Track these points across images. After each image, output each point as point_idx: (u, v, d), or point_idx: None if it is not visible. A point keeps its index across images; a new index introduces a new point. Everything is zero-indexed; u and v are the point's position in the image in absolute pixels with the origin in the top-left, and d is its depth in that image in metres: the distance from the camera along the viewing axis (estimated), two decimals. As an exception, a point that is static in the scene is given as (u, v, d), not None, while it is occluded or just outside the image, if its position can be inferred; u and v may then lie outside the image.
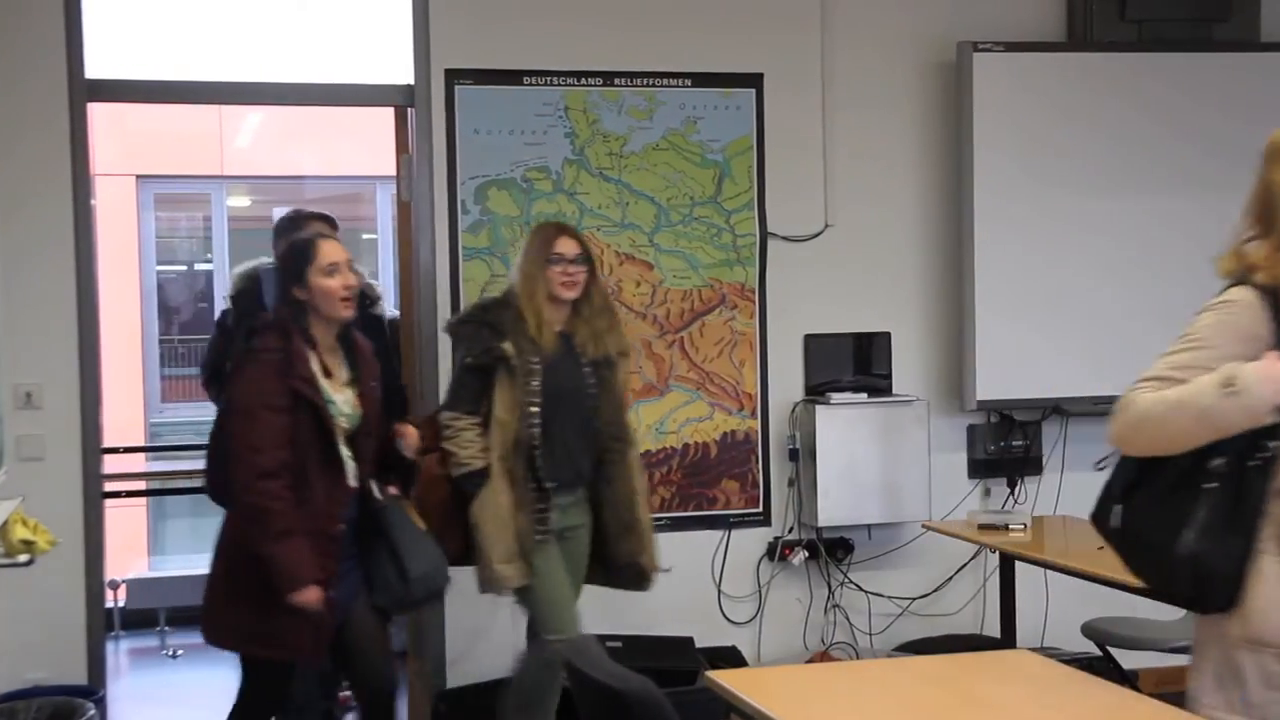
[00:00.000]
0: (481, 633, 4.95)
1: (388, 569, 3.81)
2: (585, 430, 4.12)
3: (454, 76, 4.94)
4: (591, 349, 4.11)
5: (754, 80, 5.17)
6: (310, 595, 3.60)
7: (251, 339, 3.75)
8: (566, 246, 4.09)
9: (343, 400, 3.75)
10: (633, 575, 4.21)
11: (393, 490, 3.92)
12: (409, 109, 4.96)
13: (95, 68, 4.72)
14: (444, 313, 4.94)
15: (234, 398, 3.71)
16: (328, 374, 3.74)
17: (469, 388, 4.04)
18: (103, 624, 4.81)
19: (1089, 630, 4.68)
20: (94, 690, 4.58)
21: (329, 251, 3.75)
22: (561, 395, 4.04)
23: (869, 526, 5.19)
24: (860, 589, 5.24)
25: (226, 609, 3.74)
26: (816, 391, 5.20)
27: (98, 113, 4.85)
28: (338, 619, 3.74)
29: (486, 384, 4.00)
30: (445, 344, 4.94)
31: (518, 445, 3.97)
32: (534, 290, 4.05)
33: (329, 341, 3.78)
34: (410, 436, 3.97)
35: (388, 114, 5.11)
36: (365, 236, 10.36)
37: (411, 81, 4.94)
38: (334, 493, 3.71)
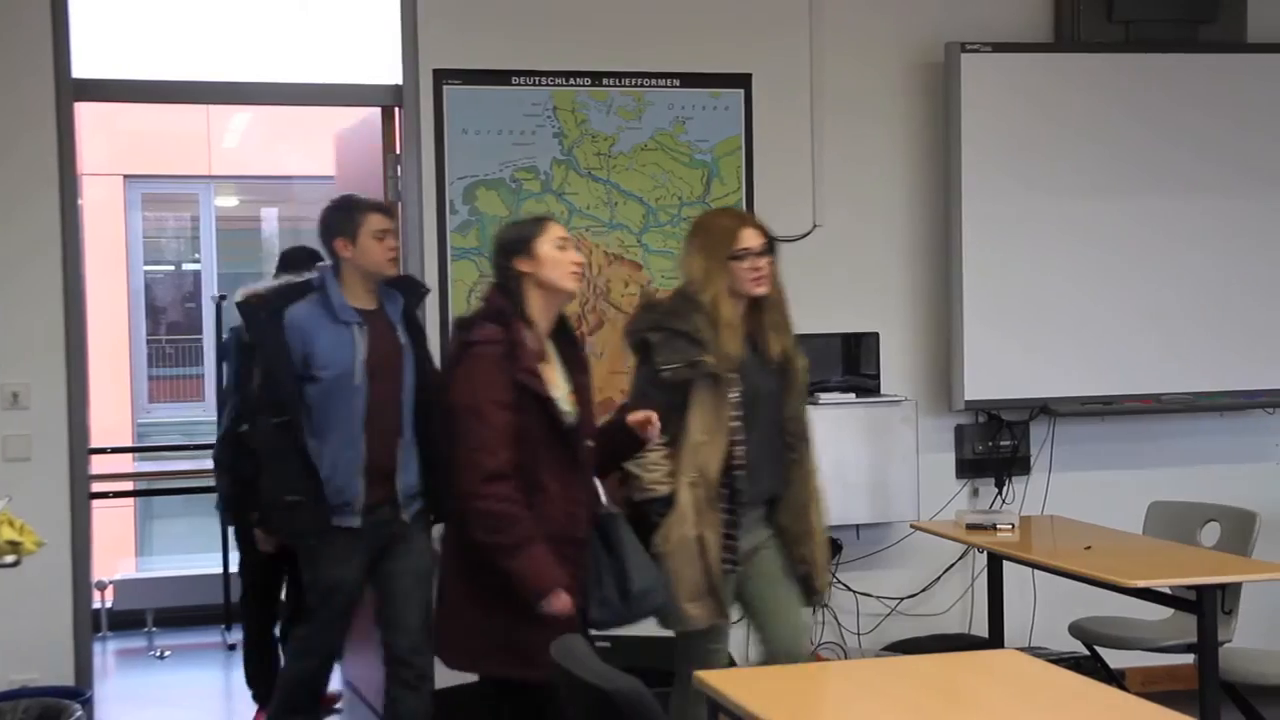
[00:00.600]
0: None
1: (608, 583, 3.53)
2: (776, 439, 3.74)
3: (442, 76, 4.94)
4: (775, 348, 3.74)
5: (742, 81, 5.17)
6: (562, 602, 3.37)
7: (465, 330, 3.54)
8: (752, 239, 3.70)
9: (561, 396, 3.54)
10: (805, 587, 3.78)
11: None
12: (397, 109, 4.96)
13: (82, 67, 4.71)
14: (432, 314, 4.93)
15: (454, 398, 3.46)
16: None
17: (657, 404, 3.59)
18: (90, 625, 4.80)
19: (1076, 630, 4.69)
20: (81, 691, 4.56)
21: (558, 227, 3.62)
22: (756, 405, 3.68)
23: (857, 526, 5.19)
24: (848, 589, 5.24)
25: (471, 629, 3.48)
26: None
27: (85, 112, 4.84)
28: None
29: (678, 400, 3.61)
30: (434, 349, 4.93)
31: (715, 468, 3.58)
32: (716, 289, 3.66)
33: (547, 329, 3.57)
34: (653, 423, 3.59)
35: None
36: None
37: (400, 81, 4.94)
38: (570, 493, 3.48)
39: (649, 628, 4.92)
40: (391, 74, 4.95)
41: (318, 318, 3.93)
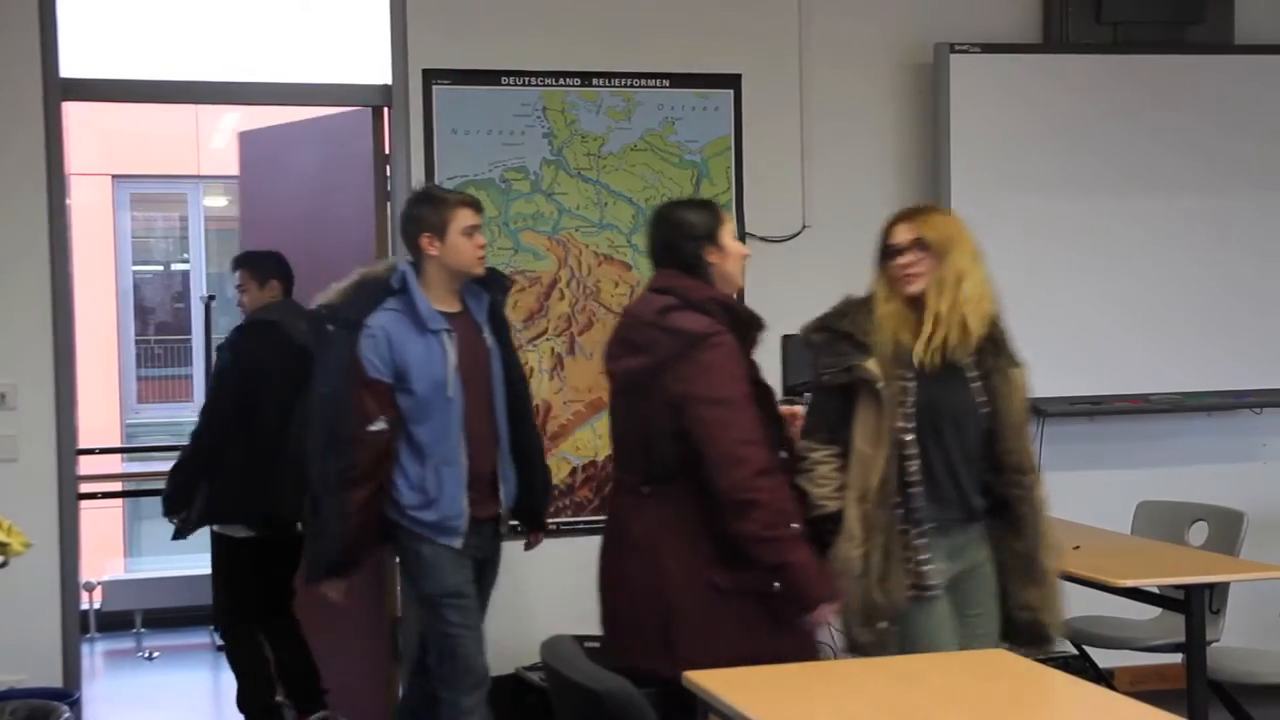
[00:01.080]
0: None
1: None
2: (967, 457, 3.34)
3: (431, 76, 4.93)
4: (961, 353, 3.32)
5: (732, 81, 5.17)
6: (827, 612, 3.23)
7: (665, 317, 3.30)
8: (901, 234, 3.40)
9: None
10: (1031, 633, 3.40)
11: None
12: (386, 109, 4.95)
13: (70, 67, 4.70)
14: (422, 313, 4.93)
15: (704, 391, 3.23)
16: None
17: (827, 411, 3.34)
18: (78, 626, 4.79)
19: (1065, 629, 4.69)
20: (69, 693, 4.55)
21: (730, 218, 3.51)
22: (941, 416, 3.30)
23: (846, 526, 5.18)
24: (838, 589, 5.24)
25: (721, 636, 3.21)
26: (794, 392, 5.19)
27: (73, 112, 4.82)
28: None
29: (847, 407, 3.30)
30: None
31: (884, 483, 3.23)
32: (876, 288, 3.40)
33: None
34: (798, 417, 3.48)
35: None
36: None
37: (389, 81, 4.93)
38: (785, 487, 3.31)
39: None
40: (381, 74, 4.95)
41: (405, 327, 3.71)
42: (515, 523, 4.11)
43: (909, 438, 3.25)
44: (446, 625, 3.86)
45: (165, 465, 5.55)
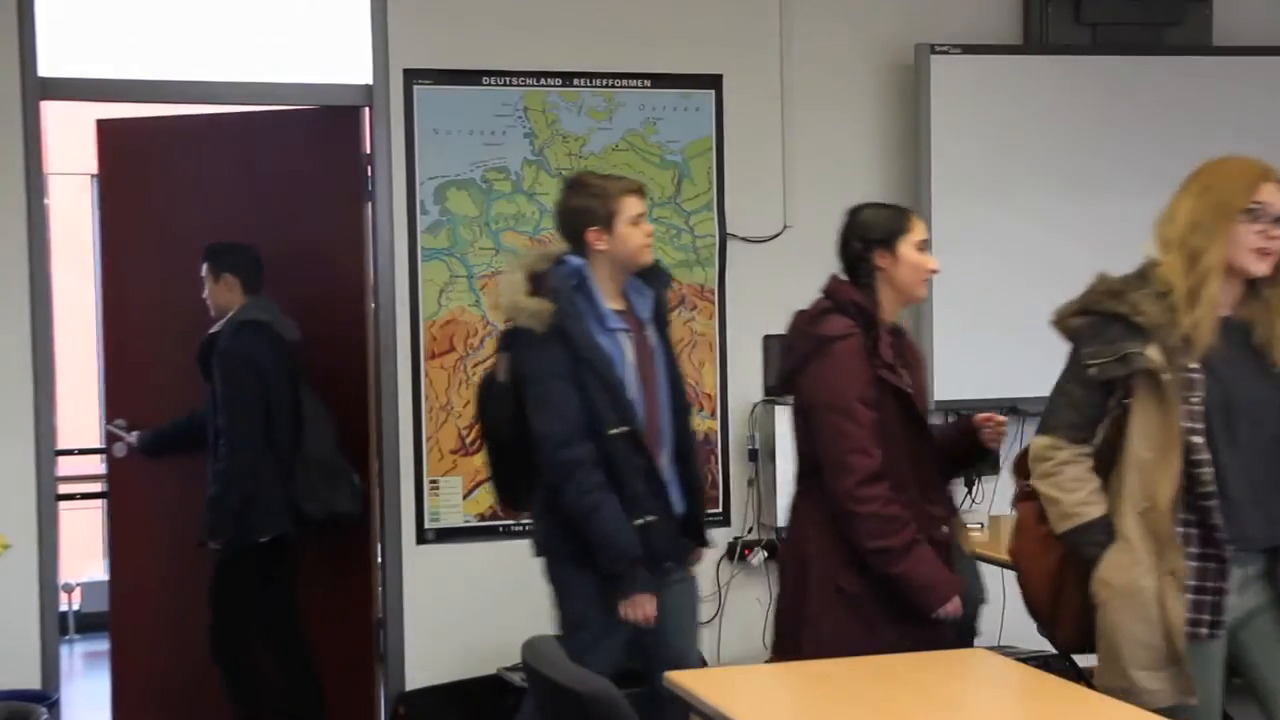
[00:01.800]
0: (442, 633, 4.93)
1: None
2: (1275, 465, 2.86)
3: (413, 76, 4.92)
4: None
5: (713, 82, 5.17)
6: (954, 605, 3.19)
7: (814, 324, 3.32)
8: (1273, 195, 2.91)
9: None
10: None
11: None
12: (367, 109, 4.94)
13: (49, 65, 4.68)
14: (403, 314, 4.92)
15: (823, 396, 3.23)
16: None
17: (1081, 403, 2.94)
18: (57, 628, 4.76)
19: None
20: (48, 695, 4.53)
21: (922, 226, 3.40)
22: (1235, 416, 2.83)
23: (828, 526, 5.19)
24: (819, 589, 5.25)
25: (843, 642, 3.14)
26: (776, 392, 5.21)
27: (52, 111, 4.80)
28: None
29: (1113, 403, 2.90)
30: (406, 350, 4.93)
31: (1169, 496, 2.78)
32: (1203, 257, 2.85)
33: (891, 325, 3.36)
34: (997, 427, 3.40)
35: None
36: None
37: (370, 81, 4.92)
38: (929, 492, 3.29)
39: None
40: (362, 74, 4.94)
41: (590, 327, 3.47)
42: None
43: (1198, 440, 2.78)
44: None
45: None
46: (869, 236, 3.37)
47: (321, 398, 4.74)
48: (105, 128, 5.09)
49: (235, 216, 4.94)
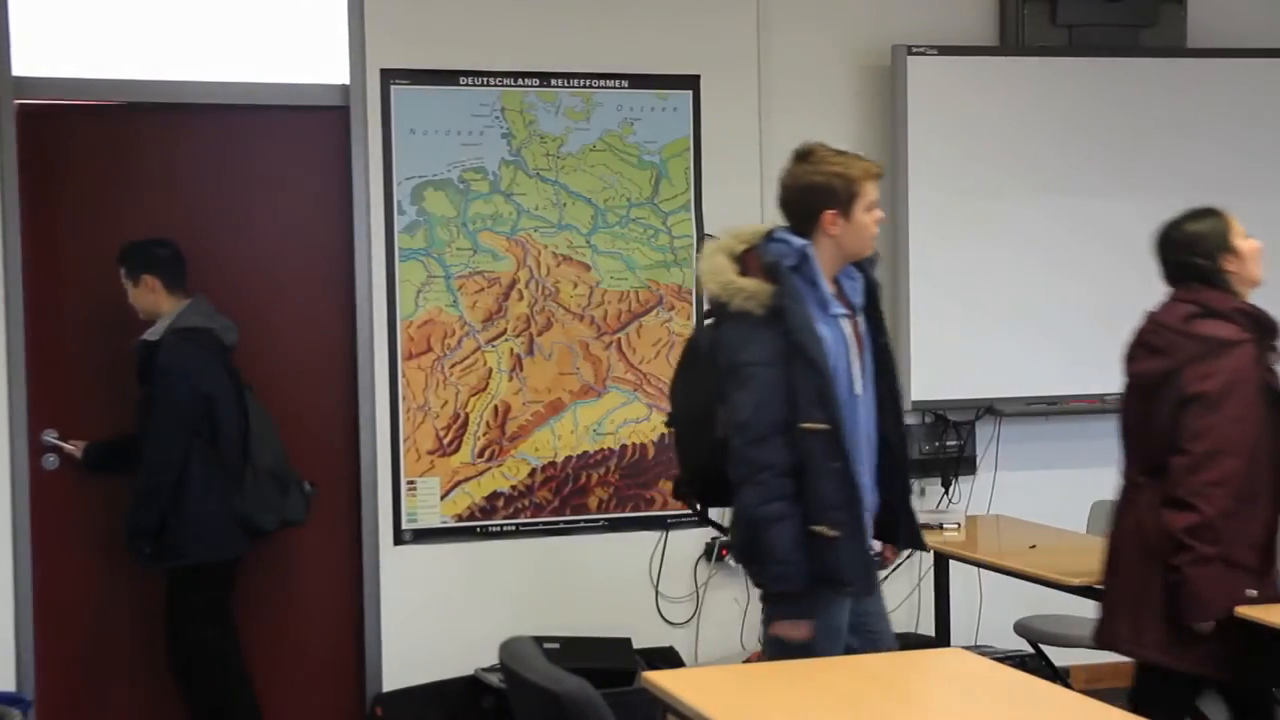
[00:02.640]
0: (420, 634, 4.92)
1: None
2: None
3: (389, 76, 4.91)
4: None
5: (691, 82, 5.18)
6: (1208, 627, 3.26)
7: (1201, 328, 3.34)
8: None
9: None
10: None
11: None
12: (345, 109, 4.93)
13: (22, 65, 4.65)
14: (380, 314, 4.91)
15: (1213, 394, 3.26)
16: None
17: None
18: (31, 629, 4.73)
19: (1021, 628, 4.73)
20: (22, 698, 4.51)
21: (1234, 219, 3.44)
22: None
23: (805, 526, 5.20)
24: (796, 589, 5.26)
25: (1152, 622, 3.32)
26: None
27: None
28: None
29: None
30: (383, 348, 4.91)
31: None
32: None
33: None
34: None
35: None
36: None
37: (347, 81, 4.91)
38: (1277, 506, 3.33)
39: (598, 630, 4.95)
40: (339, 74, 4.93)
41: (811, 311, 3.23)
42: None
43: None
44: None
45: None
46: (1209, 248, 3.45)
47: (267, 403, 4.61)
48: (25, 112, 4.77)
49: (206, 216, 4.90)
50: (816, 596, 3.20)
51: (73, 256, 4.77)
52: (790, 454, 3.15)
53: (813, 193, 3.30)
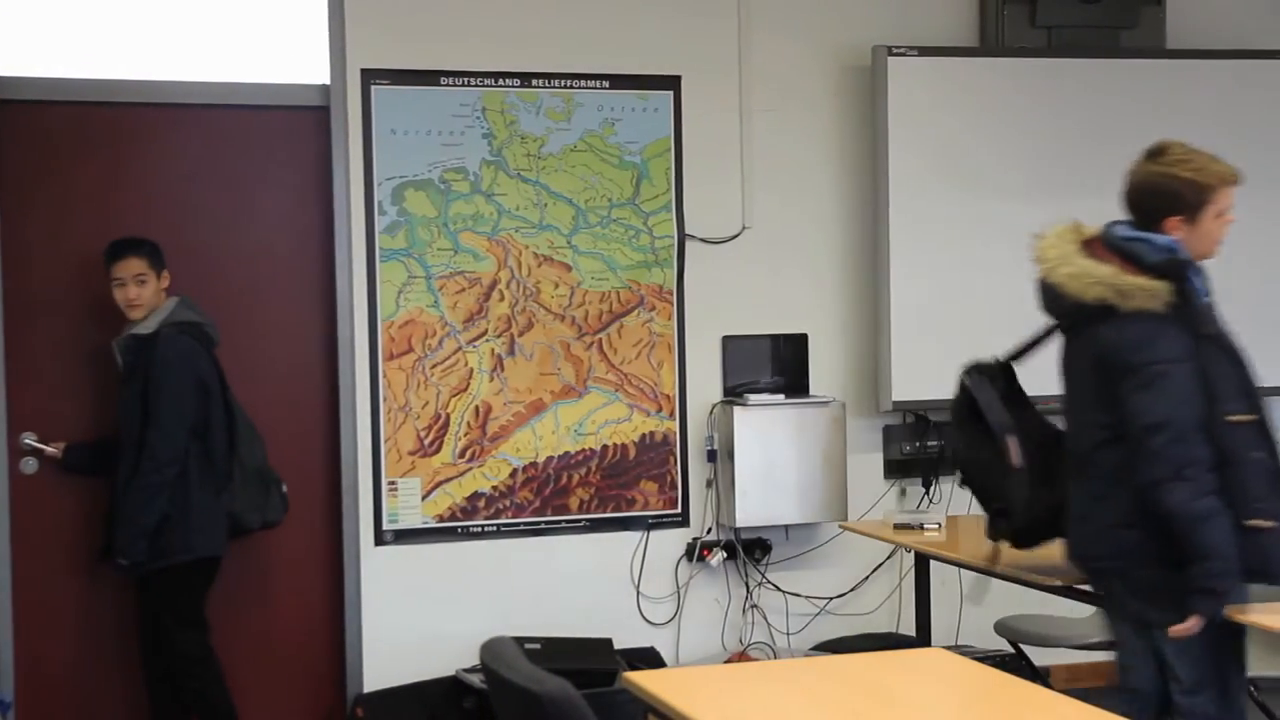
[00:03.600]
0: (401, 635, 4.92)
1: None
2: None
3: (370, 76, 4.91)
4: None
5: (672, 82, 5.18)
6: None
7: None
8: None
9: None
10: None
11: None
12: (325, 109, 4.92)
13: (2, 65, 4.63)
14: (361, 316, 4.90)
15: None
16: None
17: None
18: (11, 630, 4.71)
19: (1001, 628, 4.74)
20: (1, 699, 4.49)
21: None
22: None
23: (786, 527, 5.22)
24: (778, 589, 5.27)
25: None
26: (734, 393, 5.22)
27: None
28: None
29: None
30: (364, 348, 4.91)
31: None
32: None
33: None
34: None
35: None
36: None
37: (328, 81, 4.90)
38: None
39: (580, 630, 4.94)
40: (319, 74, 4.91)
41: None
42: None
43: None
44: None
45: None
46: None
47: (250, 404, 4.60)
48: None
49: (186, 216, 4.89)
50: (1242, 591, 3.17)
51: (50, 257, 4.74)
52: (1213, 451, 3.12)
53: (1158, 196, 3.27)
